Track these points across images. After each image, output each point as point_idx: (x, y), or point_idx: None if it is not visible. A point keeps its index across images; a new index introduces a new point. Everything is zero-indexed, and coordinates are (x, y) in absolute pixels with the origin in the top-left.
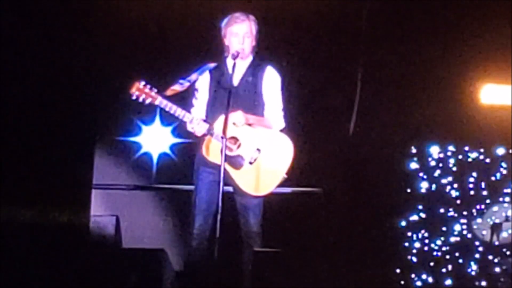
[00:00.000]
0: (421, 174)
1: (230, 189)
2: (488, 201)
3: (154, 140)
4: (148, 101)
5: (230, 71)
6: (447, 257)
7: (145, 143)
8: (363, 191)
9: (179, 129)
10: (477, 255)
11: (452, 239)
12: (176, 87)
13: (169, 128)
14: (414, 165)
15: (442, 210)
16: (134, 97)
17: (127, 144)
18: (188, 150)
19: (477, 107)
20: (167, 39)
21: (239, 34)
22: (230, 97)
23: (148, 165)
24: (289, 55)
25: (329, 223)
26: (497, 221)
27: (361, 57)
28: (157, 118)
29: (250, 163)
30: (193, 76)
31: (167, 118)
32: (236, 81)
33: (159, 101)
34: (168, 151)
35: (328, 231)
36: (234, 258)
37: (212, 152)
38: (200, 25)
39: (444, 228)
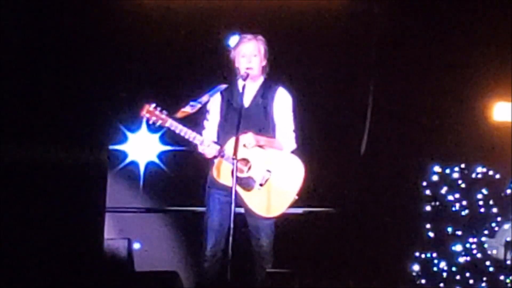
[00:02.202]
0: (430, 192)
1: (242, 210)
2: (498, 218)
3: (141, 148)
4: (158, 123)
5: (240, 92)
6: (457, 277)
7: (131, 151)
8: (375, 211)
9: (167, 136)
10: (488, 275)
11: (461, 259)
12: (187, 109)
13: (157, 135)
14: (425, 184)
15: (450, 229)
16: (144, 120)
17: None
18: (177, 158)
19: (489, 124)
20: (178, 61)
21: (246, 54)
22: (240, 119)
23: (136, 174)
24: (300, 75)
25: (341, 243)
26: (508, 239)
27: (372, 77)
28: (143, 125)
29: (261, 184)
30: (204, 98)
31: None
32: (247, 102)
33: (170, 123)
34: (156, 159)
35: (340, 252)
36: (246, 279)
37: (223, 174)
38: (211, 46)
39: (453, 248)
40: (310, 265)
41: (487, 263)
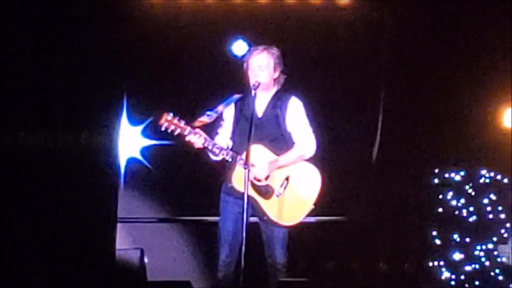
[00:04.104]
0: (438, 198)
1: (255, 219)
2: (508, 225)
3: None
4: (177, 132)
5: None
6: (466, 286)
7: None
8: (387, 219)
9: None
10: (497, 283)
11: (470, 267)
12: (204, 119)
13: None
14: (437, 190)
15: (457, 236)
16: (163, 128)
17: None
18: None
19: (499, 129)
20: (195, 71)
21: (255, 66)
22: (251, 128)
23: None
24: (311, 84)
25: (354, 252)
26: None
27: (383, 84)
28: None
29: (279, 193)
30: (219, 108)
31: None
32: (260, 112)
33: (188, 131)
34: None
35: (353, 260)
36: None
37: (239, 181)
38: (227, 56)
39: (461, 255)
40: (324, 274)
41: (497, 271)
